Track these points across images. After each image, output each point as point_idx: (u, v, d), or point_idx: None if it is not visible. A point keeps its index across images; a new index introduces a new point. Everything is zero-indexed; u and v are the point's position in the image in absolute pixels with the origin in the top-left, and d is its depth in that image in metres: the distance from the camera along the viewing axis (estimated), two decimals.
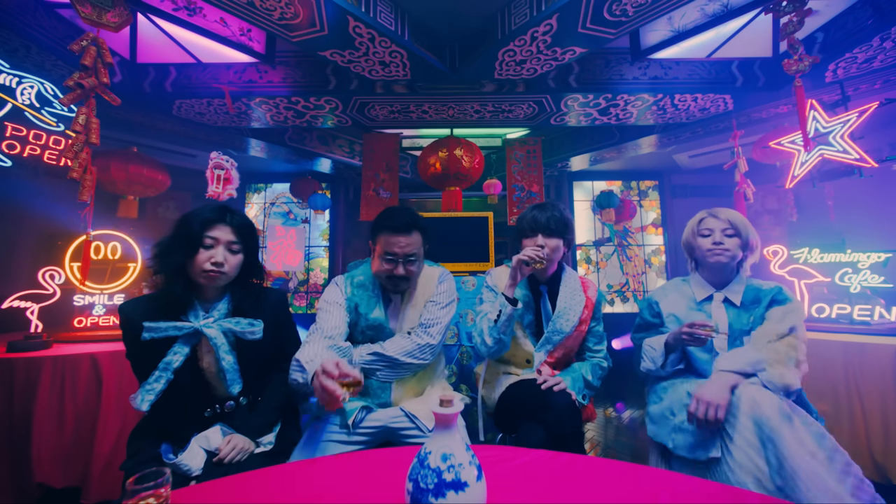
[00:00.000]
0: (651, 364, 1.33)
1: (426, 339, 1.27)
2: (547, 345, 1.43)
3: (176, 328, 1.02)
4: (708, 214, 1.35)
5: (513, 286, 1.33)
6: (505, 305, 1.31)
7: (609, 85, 2.95)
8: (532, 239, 1.42)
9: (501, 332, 1.33)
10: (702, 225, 1.35)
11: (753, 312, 1.27)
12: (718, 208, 1.35)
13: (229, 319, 1.10)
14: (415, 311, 1.35)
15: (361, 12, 2.13)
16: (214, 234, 1.06)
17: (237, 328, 1.09)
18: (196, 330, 1.05)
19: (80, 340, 1.99)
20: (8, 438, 1.61)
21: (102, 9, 1.89)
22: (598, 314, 1.50)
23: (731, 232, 1.29)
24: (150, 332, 1.00)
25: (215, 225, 1.07)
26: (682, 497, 0.71)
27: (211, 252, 1.06)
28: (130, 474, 0.96)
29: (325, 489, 0.74)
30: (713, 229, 1.31)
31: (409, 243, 1.24)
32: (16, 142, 2.14)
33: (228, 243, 1.08)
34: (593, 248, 5.17)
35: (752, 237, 1.31)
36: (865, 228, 3.15)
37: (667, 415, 1.21)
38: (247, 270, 1.15)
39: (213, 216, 1.07)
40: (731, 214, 1.32)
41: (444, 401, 0.63)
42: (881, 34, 2.24)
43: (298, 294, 5.11)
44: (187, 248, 1.04)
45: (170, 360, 1.02)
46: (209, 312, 1.10)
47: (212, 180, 3.07)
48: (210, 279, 1.06)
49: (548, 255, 1.37)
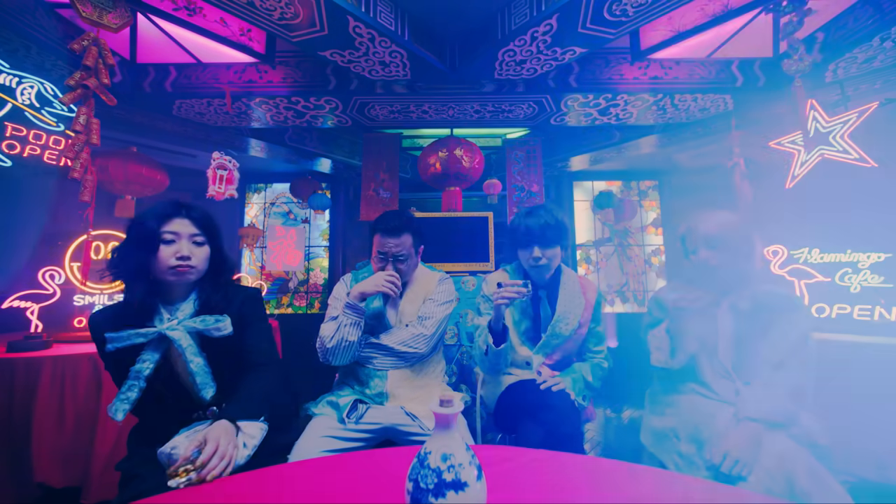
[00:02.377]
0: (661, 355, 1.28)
1: (420, 330, 1.36)
2: (546, 348, 1.43)
3: (139, 335, 0.97)
4: (687, 231, 1.32)
5: (498, 320, 1.30)
6: (491, 347, 1.30)
7: (609, 85, 2.95)
8: (527, 251, 1.40)
9: (493, 364, 1.34)
10: (686, 242, 1.33)
11: (760, 319, 1.23)
12: (697, 220, 1.29)
13: (194, 318, 1.03)
14: (413, 306, 1.41)
15: (361, 12, 2.13)
16: (173, 228, 1.01)
17: (202, 326, 1.02)
18: (161, 334, 0.99)
19: (80, 340, 1.99)
20: (8, 438, 1.61)
21: (103, 9, 1.89)
22: (597, 315, 1.49)
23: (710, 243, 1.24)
24: (113, 342, 0.95)
25: (172, 219, 1.02)
26: (682, 497, 0.71)
27: (174, 247, 1.01)
28: (127, 475, 0.98)
29: (325, 489, 0.74)
30: (695, 246, 1.28)
31: (398, 244, 1.35)
32: (16, 142, 2.14)
33: (191, 236, 1.03)
34: (593, 248, 5.17)
35: (736, 240, 1.23)
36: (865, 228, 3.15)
37: (670, 435, 1.18)
38: (215, 265, 1.10)
39: (170, 210, 1.03)
40: (705, 226, 1.25)
41: (444, 401, 0.63)
42: (881, 34, 2.24)
43: (298, 294, 5.11)
44: (146, 247, 0.99)
45: (139, 369, 0.97)
46: (173, 314, 1.04)
47: (213, 180, 3.07)
48: (179, 274, 1.01)
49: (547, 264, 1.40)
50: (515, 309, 1.47)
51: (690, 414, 1.15)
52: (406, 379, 1.35)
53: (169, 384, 1.02)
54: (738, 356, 1.23)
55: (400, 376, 1.34)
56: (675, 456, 1.13)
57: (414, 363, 1.37)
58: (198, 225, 1.05)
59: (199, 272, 1.05)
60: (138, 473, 0.95)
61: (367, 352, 1.33)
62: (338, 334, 1.26)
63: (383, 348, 1.33)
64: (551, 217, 1.39)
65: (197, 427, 0.98)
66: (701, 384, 1.25)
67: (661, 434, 1.21)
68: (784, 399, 1.05)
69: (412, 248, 1.39)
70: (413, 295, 1.44)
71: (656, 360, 1.33)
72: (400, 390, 1.33)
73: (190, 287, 1.08)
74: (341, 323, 1.26)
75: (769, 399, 1.05)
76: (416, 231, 1.42)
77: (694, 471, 1.06)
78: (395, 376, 1.34)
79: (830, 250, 2.27)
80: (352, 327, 1.27)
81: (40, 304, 1.99)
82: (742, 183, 3.13)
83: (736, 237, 1.22)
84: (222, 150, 3.20)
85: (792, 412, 1.03)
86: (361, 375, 1.36)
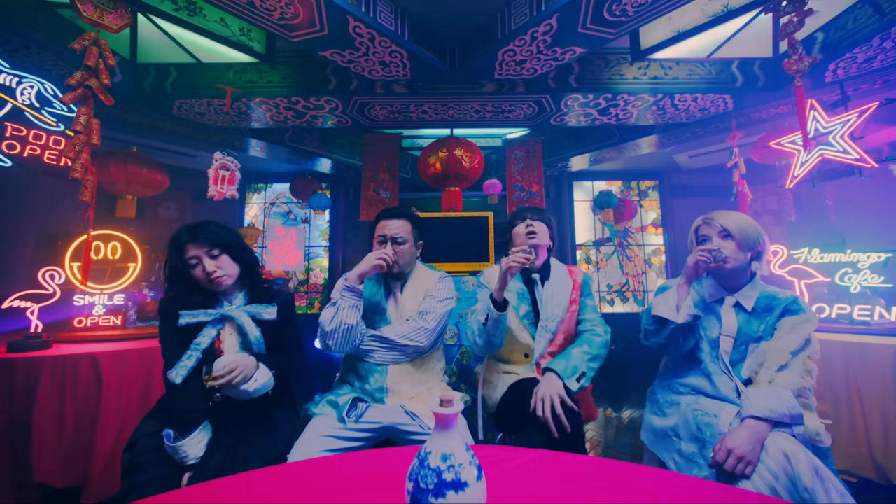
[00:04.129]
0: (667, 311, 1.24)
1: (421, 324, 1.37)
2: (545, 333, 1.46)
3: (207, 314, 1.24)
4: (703, 221, 1.31)
5: (501, 289, 1.35)
6: (492, 311, 1.33)
7: (609, 85, 2.95)
8: (521, 223, 1.56)
9: (490, 335, 1.37)
10: (699, 233, 1.32)
11: (765, 320, 1.22)
12: (714, 213, 1.31)
13: (248, 305, 1.30)
14: (413, 302, 1.44)
15: (361, 12, 2.13)
16: (190, 254, 1.22)
17: (255, 311, 1.29)
18: (222, 315, 1.25)
19: (80, 340, 1.99)
20: (8, 438, 1.61)
21: (104, 10, 1.89)
22: (586, 291, 1.57)
23: (726, 235, 1.25)
24: (186, 318, 1.20)
25: (186, 247, 1.22)
26: (682, 497, 0.71)
27: (200, 267, 1.22)
28: (131, 463, 1.06)
29: (326, 489, 0.74)
30: (709, 236, 1.28)
31: (398, 227, 1.41)
32: (16, 142, 2.14)
33: (207, 252, 1.24)
34: (593, 248, 5.17)
35: (751, 237, 1.24)
36: (865, 228, 3.15)
37: (670, 435, 1.17)
38: (242, 263, 1.31)
39: (184, 239, 1.23)
40: (724, 219, 1.27)
41: (444, 401, 0.63)
42: (881, 34, 2.24)
43: (298, 294, 5.11)
44: (183, 275, 1.23)
45: (199, 342, 1.20)
46: (231, 302, 1.31)
47: (215, 180, 3.07)
48: (216, 284, 1.24)
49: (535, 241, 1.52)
50: (513, 293, 1.51)
51: (691, 413, 1.15)
52: (406, 374, 1.36)
53: (209, 360, 1.21)
54: (740, 355, 1.23)
55: (400, 371, 1.35)
56: (676, 455, 1.13)
57: (414, 357, 1.38)
58: (208, 242, 1.24)
59: (231, 275, 1.27)
60: (138, 464, 1.05)
61: (369, 345, 1.35)
62: (336, 317, 1.27)
63: (385, 341, 1.34)
64: (542, 210, 1.62)
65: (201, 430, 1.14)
66: (703, 376, 1.24)
67: (662, 433, 1.21)
68: (789, 399, 1.05)
69: (411, 234, 1.44)
70: (413, 291, 1.46)
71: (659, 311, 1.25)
72: (400, 385, 1.33)
73: (239, 283, 1.33)
74: (339, 306, 1.28)
75: (774, 398, 1.05)
76: (416, 222, 1.48)
77: (695, 470, 1.06)
78: (396, 372, 1.34)
79: (830, 250, 2.27)
80: (350, 310, 1.28)
81: (40, 304, 1.99)
82: (740, 183, 3.13)
83: (752, 233, 1.25)
84: (222, 150, 3.19)
85: (797, 412, 1.03)
86: (361, 370, 1.37)
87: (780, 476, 0.92)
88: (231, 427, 1.17)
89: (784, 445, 0.96)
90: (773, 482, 0.92)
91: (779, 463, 0.93)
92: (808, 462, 0.92)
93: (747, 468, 0.95)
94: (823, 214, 3.36)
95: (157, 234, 4.25)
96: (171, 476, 1.06)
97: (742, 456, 0.96)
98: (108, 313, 2.24)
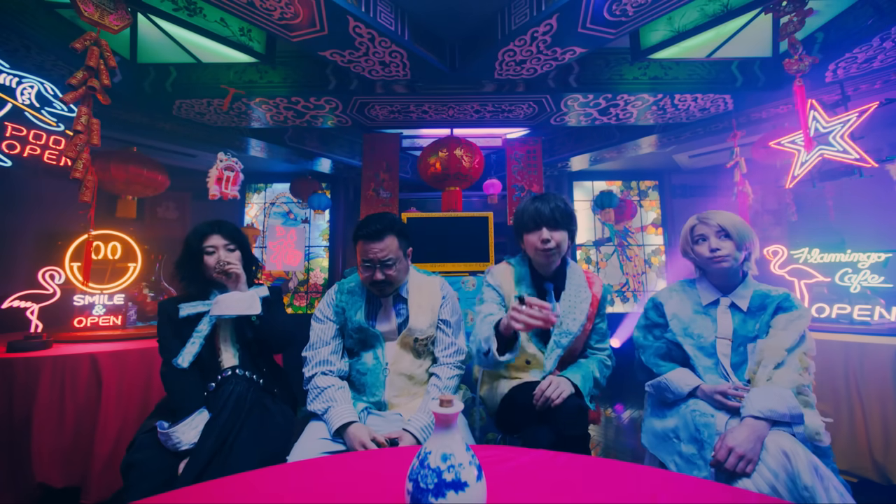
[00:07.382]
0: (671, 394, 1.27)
1: (455, 371, 1.37)
2: (557, 349, 1.32)
3: (204, 304, 1.33)
4: (698, 220, 1.31)
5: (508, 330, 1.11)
6: (493, 353, 1.13)
7: (609, 85, 2.95)
8: (536, 233, 1.30)
9: (490, 366, 1.24)
10: (694, 232, 1.31)
11: (759, 319, 1.23)
12: (708, 212, 1.30)
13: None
14: (425, 317, 1.35)
15: (361, 12, 2.13)
16: (210, 243, 1.36)
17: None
18: None
19: (80, 340, 1.99)
20: (8, 438, 1.61)
21: (105, 10, 1.89)
22: (602, 311, 1.43)
23: (724, 234, 1.26)
24: (186, 310, 1.29)
25: (208, 236, 1.37)
26: (682, 497, 0.71)
27: (215, 256, 1.35)
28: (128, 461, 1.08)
29: (325, 489, 0.74)
30: (706, 235, 1.28)
31: (383, 248, 1.26)
32: (16, 142, 2.14)
33: (225, 245, 1.38)
34: (593, 248, 5.17)
35: (746, 236, 1.25)
36: (865, 228, 3.15)
37: (671, 436, 1.17)
38: (246, 263, 1.44)
39: (206, 230, 1.38)
40: (721, 217, 1.27)
41: (444, 401, 0.63)
42: (881, 34, 2.24)
43: (298, 294, 5.11)
44: (196, 259, 1.36)
45: (200, 329, 1.29)
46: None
47: (219, 181, 3.07)
48: (225, 275, 1.34)
49: (555, 248, 1.30)
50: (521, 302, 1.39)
51: (690, 414, 1.15)
52: (403, 388, 1.32)
53: (208, 347, 1.32)
54: (740, 357, 1.23)
55: (398, 385, 1.32)
56: (677, 457, 1.13)
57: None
58: (227, 237, 1.39)
59: (239, 273, 1.37)
60: (135, 461, 1.08)
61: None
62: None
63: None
64: (561, 201, 1.33)
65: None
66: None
67: (663, 435, 1.21)
68: (790, 398, 1.05)
69: (399, 250, 1.29)
70: (418, 306, 1.36)
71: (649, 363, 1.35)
72: (398, 399, 1.31)
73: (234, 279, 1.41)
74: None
75: (775, 398, 1.05)
76: (401, 232, 1.31)
77: (695, 471, 1.06)
78: (393, 386, 1.31)
79: (830, 250, 2.27)
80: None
81: (40, 304, 1.98)
82: (741, 183, 3.14)
83: (746, 232, 1.26)
84: (222, 150, 3.19)
85: (797, 412, 1.03)
86: (358, 384, 1.35)
87: (780, 474, 0.92)
88: (225, 414, 1.18)
89: (784, 444, 0.96)
90: (773, 481, 0.92)
91: (779, 461, 0.94)
92: (808, 461, 0.92)
93: (748, 466, 0.95)
94: (823, 214, 3.36)
95: (157, 234, 4.26)
96: (166, 466, 1.08)
97: (743, 454, 0.96)
98: (108, 313, 2.24)
